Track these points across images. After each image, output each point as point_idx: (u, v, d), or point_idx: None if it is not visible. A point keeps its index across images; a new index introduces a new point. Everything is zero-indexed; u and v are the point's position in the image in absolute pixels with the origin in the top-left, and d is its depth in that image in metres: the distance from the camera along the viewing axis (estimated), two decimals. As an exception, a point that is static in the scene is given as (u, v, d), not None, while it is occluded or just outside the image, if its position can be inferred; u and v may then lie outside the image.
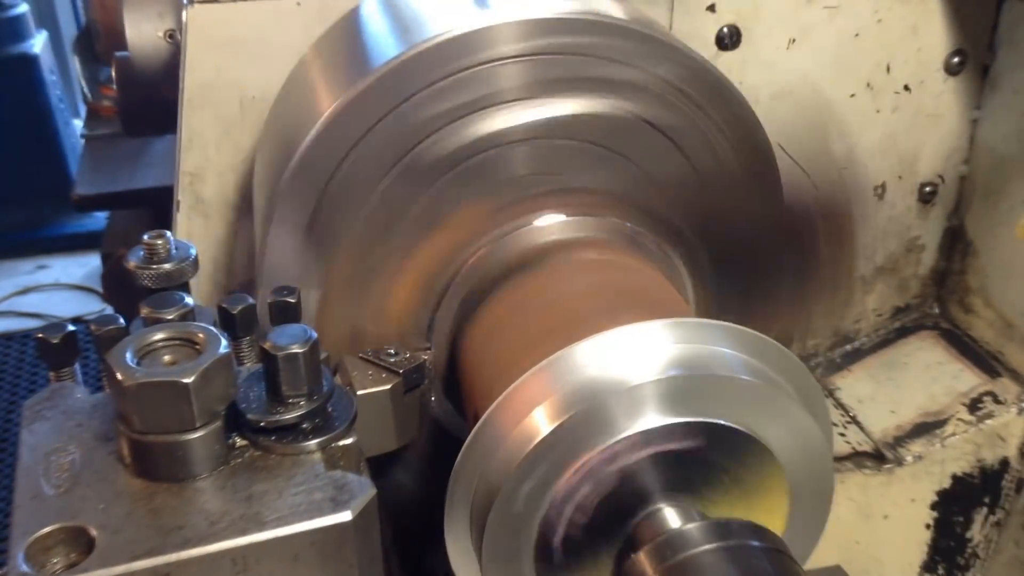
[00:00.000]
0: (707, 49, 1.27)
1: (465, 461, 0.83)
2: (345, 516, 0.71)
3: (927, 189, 1.48)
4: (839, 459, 1.40)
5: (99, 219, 3.81)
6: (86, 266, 4.42)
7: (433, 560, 1.09)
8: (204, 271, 1.24)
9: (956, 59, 1.39)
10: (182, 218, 1.22)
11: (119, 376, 0.70)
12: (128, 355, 0.72)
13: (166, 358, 0.74)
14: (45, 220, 4.68)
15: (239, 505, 0.71)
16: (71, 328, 0.84)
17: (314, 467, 0.75)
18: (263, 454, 0.76)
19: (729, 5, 1.27)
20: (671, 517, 0.82)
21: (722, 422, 0.80)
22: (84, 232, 4.46)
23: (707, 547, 0.75)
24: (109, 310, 4.02)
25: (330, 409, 0.79)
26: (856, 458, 1.41)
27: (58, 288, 4.41)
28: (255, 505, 0.71)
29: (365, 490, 0.73)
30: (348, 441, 0.78)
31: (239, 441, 0.77)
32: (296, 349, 0.76)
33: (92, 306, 4.17)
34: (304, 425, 0.77)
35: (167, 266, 0.86)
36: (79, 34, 2.92)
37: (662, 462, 0.81)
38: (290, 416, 0.76)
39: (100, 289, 3.97)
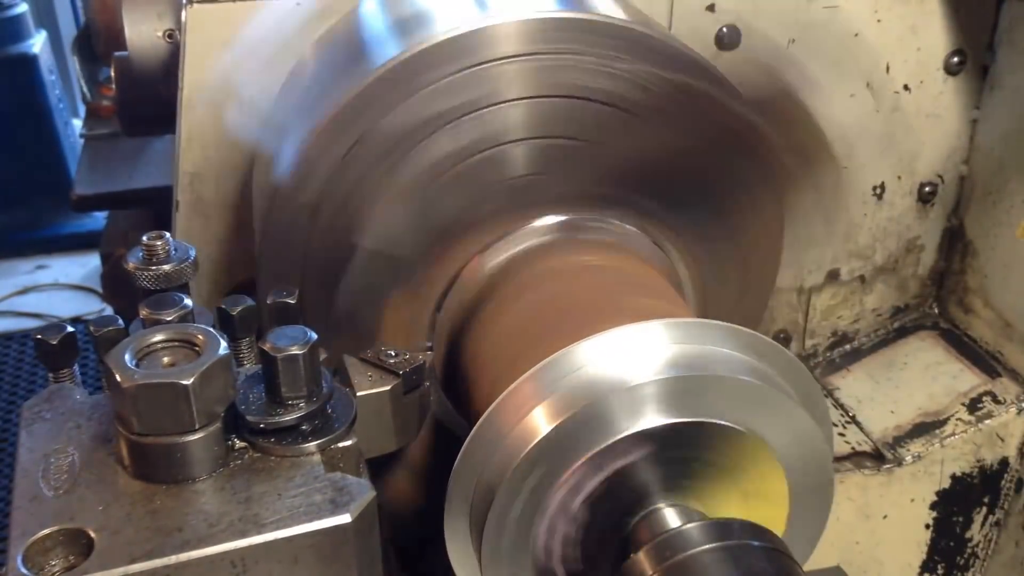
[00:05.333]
0: (707, 49, 1.27)
1: (465, 461, 0.83)
2: (344, 518, 0.71)
3: (927, 189, 1.48)
4: (839, 459, 1.40)
5: (98, 219, 3.80)
6: (85, 266, 4.41)
7: (433, 560, 1.09)
8: (204, 271, 1.24)
9: (956, 59, 1.39)
10: (181, 218, 1.21)
11: (118, 378, 0.70)
12: (127, 356, 0.72)
13: (165, 359, 0.74)
14: (45, 220, 4.67)
15: (238, 507, 0.71)
16: (69, 329, 0.84)
17: (313, 469, 0.75)
18: (262, 456, 0.76)
19: (729, 5, 1.27)
20: (671, 517, 0.82)
21: (722, 422, 0.80)
22: (83, 232, 4.44)
23: (707, 547, 0.75)
24: (108, 310, 4.02)
25: (329, 411, 0.79)
26: (856, 458, 1.41)
27: (58, 288, 4.40)
28: (254, 507, 0.71)
29: (364, 492, 0.73)
30: (347, 443, 0.78)
31: (238, 443, 0.76)
32: (295, 351, 0.76)
33: (92, 306, 4.17)
34: (303, 427, 0.77)
35: (166, 267, 0.86)
36: (78, 34, 2.92)
37: (662, 462, 0.81)
38: (289, 418, 0.76)
39: (100, 289, 3.97)
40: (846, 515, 1.41)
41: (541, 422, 0.80)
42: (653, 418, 0.79)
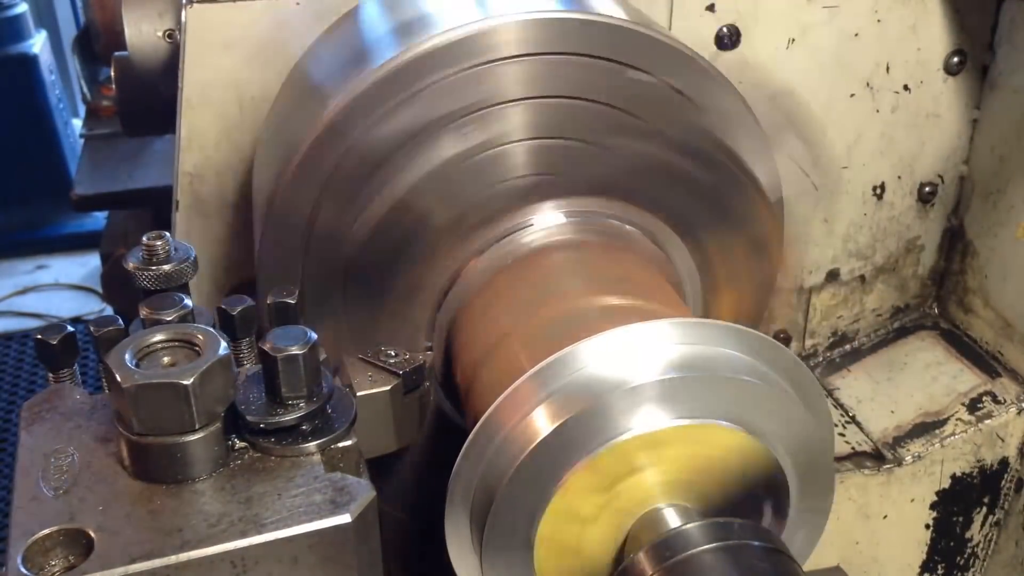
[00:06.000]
0: (707, 49, 1.27)
1: (465, 461, 0.83)
2: (344, 518, 0.71)
3: (927, 189, 1.48)
4: (839, 459, 1.40)
5: (98, 219, 3.80)
6: (86, 266, 4.42)
7: (433, 560, 1.09)
8: (203, 271, 1.23)
9: (956, 59, 1.39)
10: (181, 218, 1.21)
11: (118, 378, 0.70)
12: (127, 357, 0.72)
13: (165, 360, 0.74)
14: (45, 220, 4.67)
15: (238, 507, 0.71)
16: (70, 329, 0.84)
17: (313, 469, 0.75)
18: (262, 456, 0.76)
19: (729, 5, 1.27)
20: (670, 517, 0.82)
21: (722, 423, 0.80)
22: (84, 232, 4.45)
23: (707, 547, 0.75)
24: (108, 310, 4.02)
25: (330, 411, 0.79)
26: (856, 458, 1.41)
27: (58, 288, 4.40)
28: (254, 507, 0.71)
29: (364, 492, 0.73)
30: (348, 443, 0.78)
31: (238, 443, 0.76)
32: (295, 351, 0.75)
33: (92, 306, 4.17)
34: (303, 427, 0.77)
35: (166, 267, 0.86)
36: (78, 34, 2.93)
37: (662, 462, 0.81)
38: (289, 418, 0.76)
39: (100, 289, 3.97)
40: (846, 515, 1.41)
41: (541, 422, 0.80)
42: (654, 419, 0.79)
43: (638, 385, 0.79)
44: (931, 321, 1.57)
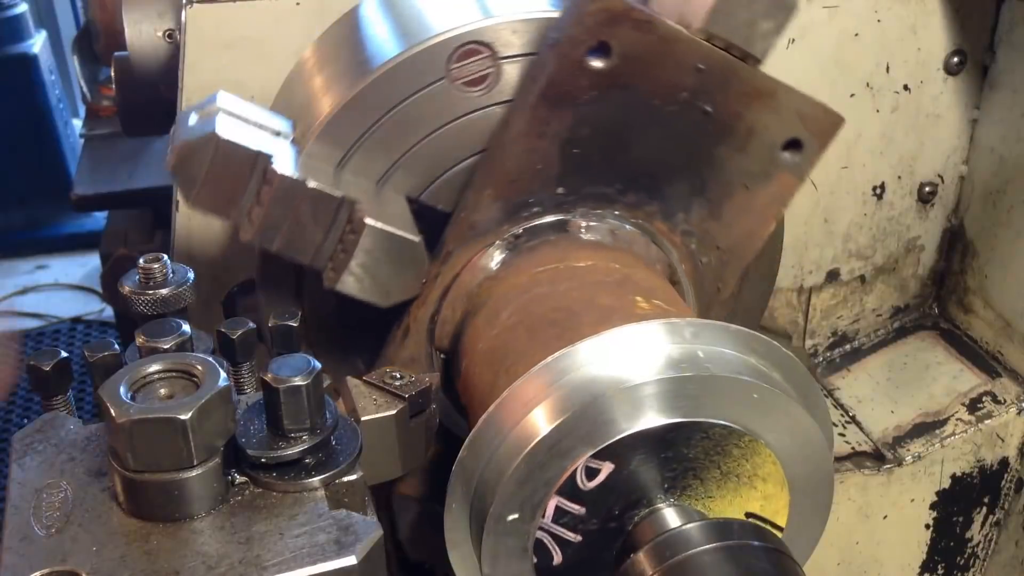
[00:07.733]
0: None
1: (465, 461, 0.83)
2: (350, 560, 0.67)
3: (927, 189, 1.48)
4: (839, 459, 1.40)
5: (98, 219, 3.80)
6: (85, 266, 4.42)
7: (433, 560, 1.09)
8: (203, 270, 1.23)
9: (956, 59, 1.39)
10: (181, 218, 1.21)
11: (112, 412, 0.67)
12: (122, 389, 0.69)
13: (162, 391, 0.71)
14: (44, 220, 4.68)
15: (238, 548, 0.68)
16: (63, 355, 0.80)
17: (317, 506, 0.72)
18: (263, 492, 0.73)
19: (729, 5, 1.26)
20: (671, 517, 0.82)
21: (722, 422, 0.80)
22: (83, 232, 4.45)
23: (706, 547, 0.75)
24: (109, 310, 4.02)
25: (334, 443, 0.76)
26: (856, 458, 1.41)
27: (57, 288, 4.40)
28: (255, 548, 0.68)
29: (371, 531, 0.69)
30: (353, 477, 0.74)
31: (238, 478, 0.73)
32: (299, 382, 0.72)
33: (91, 306, 4.17)
34: (307, 460, 0.74)
35: (163, 292, 0.83)
36: (78, 34, 2.93)
37: (662, 462, 0.81)
38: (292, 451, 0.73)
39: (100, 289, 3.97)
40: (846, 515, 1.41)
41: (541, 422, 0.80)
42: (653, 418, 0.79)
43: (637, 384, 0.79)
44: (931, 321, 1.57)
